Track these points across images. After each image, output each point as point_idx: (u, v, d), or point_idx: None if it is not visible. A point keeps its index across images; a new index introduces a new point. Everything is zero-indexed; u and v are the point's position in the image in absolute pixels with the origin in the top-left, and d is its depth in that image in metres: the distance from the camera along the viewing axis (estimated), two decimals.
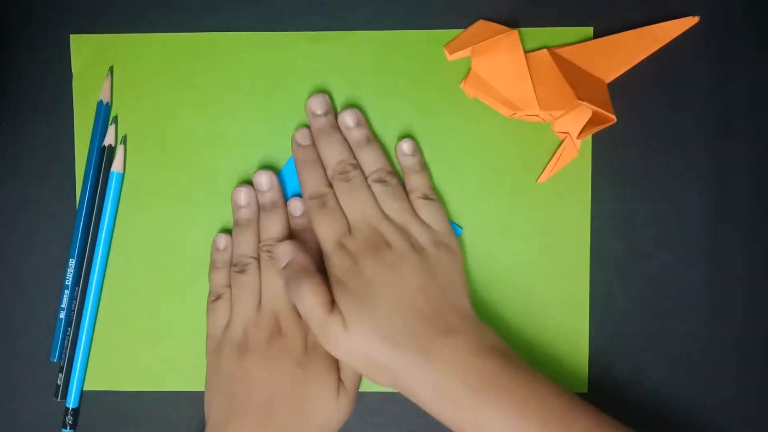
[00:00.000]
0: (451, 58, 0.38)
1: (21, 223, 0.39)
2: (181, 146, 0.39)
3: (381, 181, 0.37)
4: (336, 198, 0.37)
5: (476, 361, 0.32)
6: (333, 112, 0.38)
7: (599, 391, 0.39)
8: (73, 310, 0.39)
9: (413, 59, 0.39)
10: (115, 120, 0.39)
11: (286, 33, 0.39)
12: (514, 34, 0.38)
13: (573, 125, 0.37)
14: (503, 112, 0.38)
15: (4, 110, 0.39)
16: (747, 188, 0.39)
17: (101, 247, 0.39)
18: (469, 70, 0.38)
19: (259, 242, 0.37)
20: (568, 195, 0.39)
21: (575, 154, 0.38)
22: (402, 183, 0.38)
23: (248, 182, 0.39)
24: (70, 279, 0.39)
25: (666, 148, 0.39)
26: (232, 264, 0.37)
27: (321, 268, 0.36)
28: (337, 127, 0.38)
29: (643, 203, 0.39)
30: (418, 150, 0.38)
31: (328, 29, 0.39)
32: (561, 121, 0.38)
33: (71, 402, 0.39)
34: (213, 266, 0.38)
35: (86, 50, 0.39)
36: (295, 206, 0.38)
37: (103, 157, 0.39)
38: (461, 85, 0.39)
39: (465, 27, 0.39)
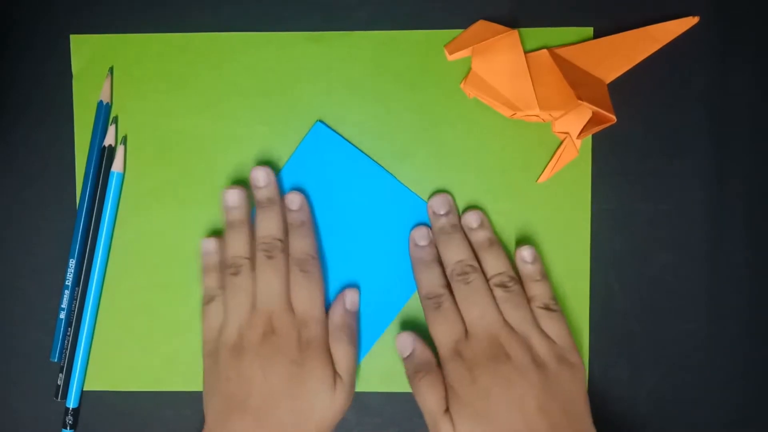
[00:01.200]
0: (451, 58, 0.38)
1: (21, 223, 0.39)
2: (181, 146, 0.39)
3: (503, 286, 0.36)
4: (453, 300, 0.36)
5: None
6: (456, 211, 0.38)
7: (599, 391, 0.39)
8: (73, 310, 0.39)
9: (413, 59, 0.39)
10: (115, 120, 0.39)
11: (286, 33, 0.39)
12: (514, 34, 0.38)
13: (573, 125, 0.37)
14: (503, 112, 0.38)
15: (4, 110, 0.39)
16: (747, 188, 0.39)
17: (101, 247, 0.39)
18: (469, 70, 0.38)
19: (254, 240, 0.37)
20: (568, 195, 0.39)
21: (575, 154, 0.38)
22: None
23: (240, 182, 0.39)
24: (70, 279, 0.39)
25: (666, 148, 0.39)
26: (225, 265, 0.37)
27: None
28: (459, 227, 0.38)
29: (643, 203, 0.39)
30: (538, 257, 0.37)
31: (328, 29, 0.39)
32: (561, 121, 0.38)
33: (71, 402, 0.39)
34: (204, 270, 0.38)
35: (86, 50, 0.39)
36: (292, 200, 0.38)
37: (103, 157, 0.39)
38: (461, 85, 0.39)
39: (465, 27, 0.39)
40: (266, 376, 0.34)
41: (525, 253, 0.37)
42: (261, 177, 0.38)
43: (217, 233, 0.39)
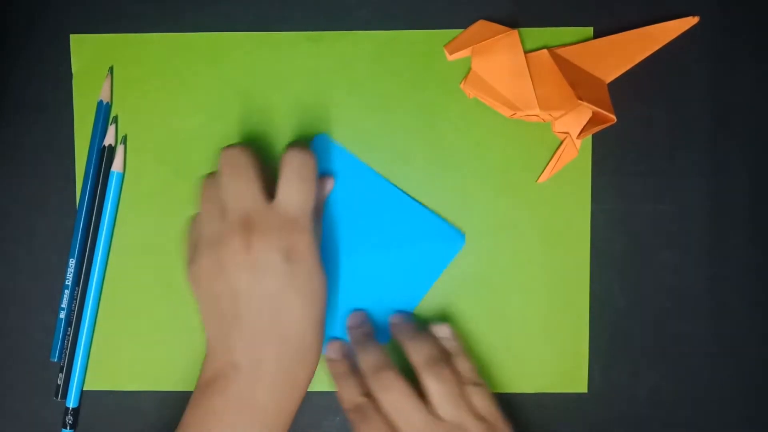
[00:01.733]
0: (451, 58, 0.38)
1: (21, 223, 0.39)
2: (181, 146, 0.39)
3: (435, 374, 0.34)
4: (376, 406, 0.35)
5: None
6: (367, 322, 0.38)
7: (599, 391, 0.39)
8: (73, 310, 0.39)
9: (413, 59, 0.39)
10: (115, 120, 0.39)
11: (286, 33, 0.39)
12: (514, 34, 0.38)
13: (573, 125, 0.37)
14: (503, 112, 0.38)
15: (4, 110, 0.39)
16: (747, 188, 0.39)
17: (101, 247, 0.39)
18: (469, 70, 0.38)
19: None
20: (568, 195, 0.39)
21: (575, 154, 0.38)
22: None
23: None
24: (70, 279, 0.39)
25: (666, 148, 0.39)
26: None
27: None
28: (372, 335, 0.38)
29: (643, 203, 0.39)
30: (457, 334, 0.37)
31: (328, 29, 0.39)
32: (561, 121, 0.38)
33: (71, 402, 0.39)
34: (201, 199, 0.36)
35: (86, 50, 0.39)
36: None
37: (103, 157, 0.39)
38: (461, 85, 0.39)
39: (465, 27, 0.39)
40: (252, 285, 0.32)
41: (442, 330, 0.37)
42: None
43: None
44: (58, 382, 0.39)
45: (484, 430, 0.34)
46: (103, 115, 0.39)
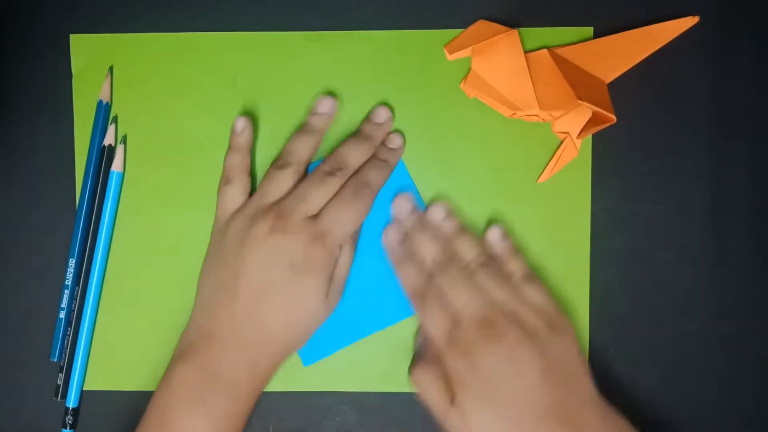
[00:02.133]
0: (451, 58, 0.38)
1: (21, 223, 0.39)
2: (181, 146, 0.39)
3: (482, 266, 0.36)
4: (437, 291, 0.36)
5: None
6: (418, 208, 0.38)
7: (599, 391, 0.39)
8: (73, 310, 0.39)
9: (413, 59, 0.39)
10: (115, 120, 0.39)
11: (286, 33, 0.39)
12: (514, 34, 0.38)
13: (573, 125, 0.37)
14: (503, 112, 0.38)
15: (4, 110, 0.39)
16: (747, 188, 0.39)
17: (101, 247, 0.39)
18: (469, 70, 0.38)
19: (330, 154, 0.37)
20: (568, 195, 0.39)
21: (575, 154, 0.38)
22: None
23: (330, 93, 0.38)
24: (70, 279, 0.39)
25: (666, 148, 0.39)
26: (276, 158, 0.37)
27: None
28: (427, 221, 0.38)
29: (643, 203, 0.39)
30: (507, 234, 0.38)
31: (328, 29, 0.39)
32: (561, 121, 0.38)
33: (71, 402, 0.39)
34: (230, 148, 0.38)
35: (86, 50, 0.39)
36: (392, 139, 0.38)
37: (103, 156, 0.39)
38: (461, 85, 0.39)
39: (465, 27, 0.39)
40: (264, 269, 0.34)
41: (494, 233, 0.38)
42: (382, 114, 0.38)
43: (248, 113, 0.39)
44: (58, 382, 0.39)
45: (536, 318, 0.35)
46: (103, 115, 0.39)
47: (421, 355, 0.37)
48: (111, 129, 0.39)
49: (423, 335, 0.38)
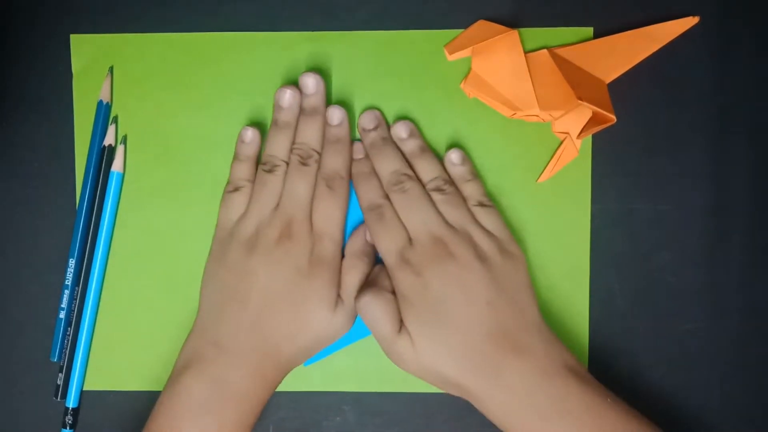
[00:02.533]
0: (451, 58, 0.38)
1: (21, 223, 0.39)
2: (181, 146, 0.39)
3: (439, 189, 0.36)
4: (394, 209, 0.36)
5: (544, 383, 0.32)
6: (385, 124, 0.38)
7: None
8: (73, 310, 0.39)
9: (413, 59, 0.39)
10: (115, 120, 0.39)
11: (286, 33, 0.39)
12: (514, 34, 0.38)
13: (573, 125, 0.37)
14: (503, 112, 0.38)
15: (4, 110, 0.39)
16: (747, 188, 0.39)
17: (101, 247, 0.39)
18: (469, 70, 0.38)
19: (293, 145, 0.37)
20: (568, 195, 0.39)
21: (575, 154, 0.38)
22: None
23: (294, 83, 0.38)
24: (70, 279, 0.39)
25: (666, 148, 0.39)
26: (261, 162, 0.37)
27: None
28: (389, 139, 0.38)
29: (643, 203, 0.39)
30: (467, 159, 0.38)
31: (328, 29, 0.39)
32: (561, 121, 0.38)
33: (71, 402, 0.39)
34: (236, 158, 0.38)
35: (86, 50, 0.39)
36: (333, 114, 0.37)
37: (103, 156, 0.39)
38: (461, 85, 0.39)
39: (465, 27, 0.39)
40: (271, 278, 0.35)
41: (453, 156, 0.38)
42: (310, 84, 0.37)
43: (256, 123, 0.39)
44: (58, 382, 0.39)
45: (489, 242, 0.35)
46: (103, 115, 0.39)
47: (372, 283, 0.36)
48: (111, 129, 0.39)
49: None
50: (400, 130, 0.38)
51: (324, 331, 0.35)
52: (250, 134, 0.38)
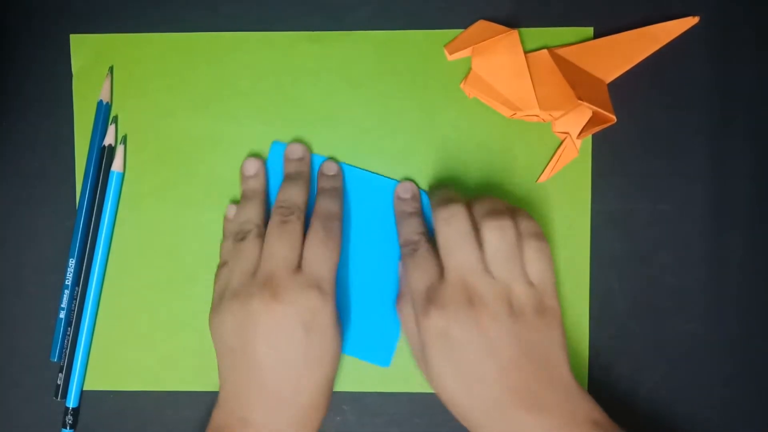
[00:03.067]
0: (451, 58, 0.38)
1: (21, 223, 0.39)
2: (181, 146, 0.39)
3: (497, 221, 0.33)
4: (430, 247, 0.35)
5: None
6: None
7: (599, 391, 0.39)
8: (73, 310, 0.39)
9: (413, 59, 0.39)
10: (115, 120, 0.39)
11: (286, 33, 0.39)
12: (514, 34, 0.38)
13: (573, 125, 0.37)
14: (503, 112, 0.38)
15: (4, 110, 0.39)
16: (747, 188, 0.39)
17: (101, 246, 0.39)
18: (469, 70, 0.38)
19: (267, 210, 0.37)
20: (568, 195, 0.39)
21: (575, 154, 0.38)
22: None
23: (255, 155, 0.38)
24: (70, 279, 0.39)
25: (666, 148, 0.39)
26: (235, 232, 0.36)
27: None
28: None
29: (643, 203, 0.39)
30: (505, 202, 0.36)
31: (328, 29, 0.39)
32: (561, 121, 0.38)
33: (71, 402, 0.39)
34: (223, 235, 0.38)
35: (86, 50, 0.39)
36: (329, 167, 0.38)
37: (103, 156, 0.39)
38: (461, 85, 0.39)
39: (465, 27, 0.39)
40: (273, 347, 0.33)
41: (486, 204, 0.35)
42: (298, 150, 0.38)
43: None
44: (58, 382, 0.39)
45: (527, 295, 0.32)
46: (103, 115, 0.39)
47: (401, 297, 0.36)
48: (111, 129, 0.39)
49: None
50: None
51: (337, 364, 0.35)
52: (232, 211, 0.38)
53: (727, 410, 0.39)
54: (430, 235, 0.36)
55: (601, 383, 0.39)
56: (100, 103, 0.39)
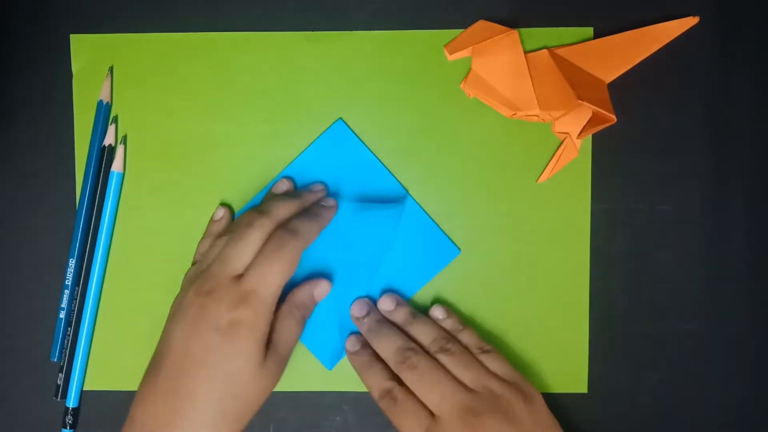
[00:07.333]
0: (451, 58, 0.38)
1: (21, 223, 0.39)
2: (181, 146, 0.39)
3: (444, 350, 0.35)
4: (405, 389, 0.35)
5: None
6: (375, 308, 0.38)
7: (599, 391, 0.39)
8: (73, 310, 0.39)
9: (413, 59, 0.39)
10: (115, 120, 0.39)
11: (286, 33, 0.39)
12: (514, 34, 0.38)
13: (573, 125, 0.37)
14: (503, 112, 0.38)
15: (4, 110, 0.39)
16: (747, 188, 0.39)
17: (101, 246, 0.39)
18: (469, 70, 0.38)
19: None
20: (568, 195, 0.39)
21: (575, 154, 0.38)
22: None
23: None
24: (70, 279, 0.39)
25: (666, 148, 0.39)
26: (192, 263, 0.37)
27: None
28: (383, 320, 0.37)
29: (643, 203, 0.39)
30: (450, 311, 0.38)
31: (328, 29, 0.39)
32: (561, 121, 0.38)
33: (71, 402, 0.39)
34: (204, 234, 0.38)
35: (86, 50, 0.39)
36: (327, 201, 0.37)
37: (103, 156, 0.39)
38: (461, 85, 0.39)
39: (465, 27, 0.39)
40: (188, 338, 0.33)
41: (437, 313, 0.38)
42: (285, 184, 0.39)
43: (226, 204, 0.39)
44: (58, 382, 0.39)
45: (508, 393, 0.34)
46: (103, 115, 0.39)
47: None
48: (111, 129, 0.39)
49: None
50: (385, 305, 0.38)
51: (253, 387, 0.33)
52: (220, 213, 0.38)
53: (727, 410, 0.39)
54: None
55: (601, 383, 0.39)
56: (100, 103, 0.39)
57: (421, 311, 0.38)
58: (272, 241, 0.34)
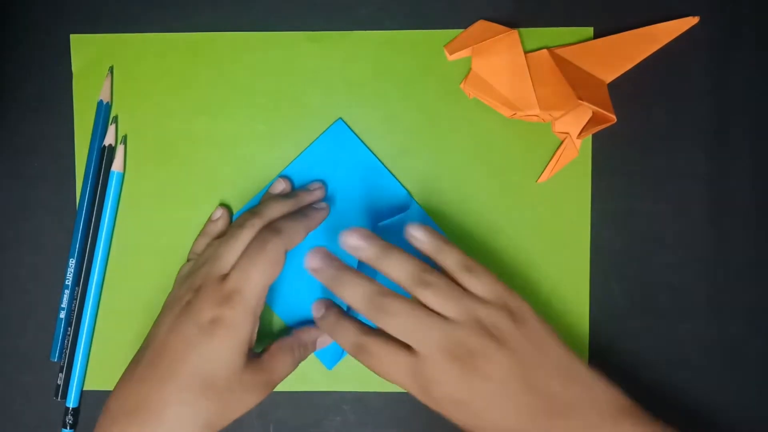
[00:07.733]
0: (451, 58, 0.38)
1: (21, 223, 0.39)
2: (181, 146, 0.39)
3: (422, 284, 0.32)
4: (380, 341, 0.32)
5: None
6: (329, 256, 0.34)
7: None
8: (73, 310, 0.39)
9: (413, 59, 0.39)
10: (115, 120, 0.39)
11: (286, 33, 0.39)
12: (514, 34, 0.38)
13: (573, 125, 0.37)
14: (503, 112, 0.38)
15: (4, 110, 0.39)
16: (747, 188, 0.39)
17: (101, 247, 0.39)
18: (469, 70, 0.38)
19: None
20: (568, 195, 0.39)
21: (575, 154, 0.38)
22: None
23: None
24: (70, 279, 0.39)
25: (666, 148, 0.39)
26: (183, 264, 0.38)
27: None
28: (342, 266, 0.33)
29: (643, 203, 0.39)
30: (434, 231, 0.34)
31: (328, 29, 0.39)
32: (561, 121, 0.38)
33: (71, 402, 0.39)
34: (201, 233, 0.39)
35: (86, 50, 0.39)
36: (321, 205, 0.37)
37: (103, 156, 0.39)
38: (461, 85, 0.39)
39: (465, 27, 0.39)
40: (170, 332, 0.33)
41: (415, 232, 0.33)
42: (282, 183, 0.38)
43: (225, 204, 0.39)
44: (58, 382, 0.39)
45: (499, 313, 0.32)
46: (103, 115, 0.39)
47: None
48: (111, 129, 0.39)
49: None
50: (352, 240, 0.33)
51: (229, 390, 0.32)
52: (218, 213, 0.38)
53: (726, 410, 0.39)
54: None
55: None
56: (100, 103, 0.39)
57: None
58: (255, 240, 0.34)
